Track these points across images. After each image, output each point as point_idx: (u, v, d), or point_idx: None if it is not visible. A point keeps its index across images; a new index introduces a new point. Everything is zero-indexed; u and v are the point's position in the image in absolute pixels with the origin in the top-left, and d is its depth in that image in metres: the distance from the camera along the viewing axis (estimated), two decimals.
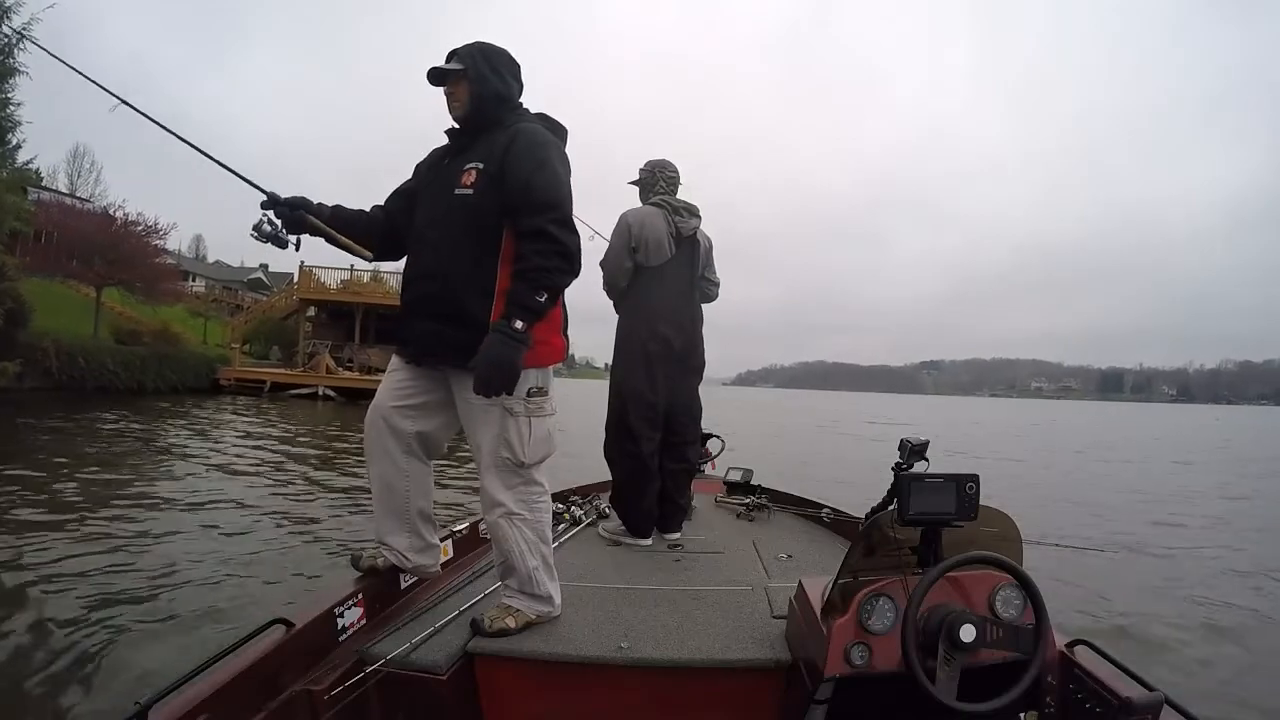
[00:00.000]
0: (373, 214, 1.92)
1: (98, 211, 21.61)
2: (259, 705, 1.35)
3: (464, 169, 1.72)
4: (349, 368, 22.88)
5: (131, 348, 18.39)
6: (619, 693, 1.64)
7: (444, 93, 1.79)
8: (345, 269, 24.57)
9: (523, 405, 1.70)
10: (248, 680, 1.33)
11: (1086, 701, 1.31)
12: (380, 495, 1.86)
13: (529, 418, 1.71)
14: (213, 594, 3.40)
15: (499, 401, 1.66)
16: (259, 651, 1.40)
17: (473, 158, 1.73)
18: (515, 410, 1.69)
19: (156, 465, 7.44)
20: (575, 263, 1.67)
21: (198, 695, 1.22)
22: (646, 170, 2.94)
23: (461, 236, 1.69)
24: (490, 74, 1.76)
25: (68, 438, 9.12)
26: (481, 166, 1.70)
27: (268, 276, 44.56)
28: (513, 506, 1.73)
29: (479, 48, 1.79)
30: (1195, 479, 11.12)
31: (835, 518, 3.05)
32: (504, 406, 1.68)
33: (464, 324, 1.66)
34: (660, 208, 2.81)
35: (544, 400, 1.74)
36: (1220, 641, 3.42)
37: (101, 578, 3.56)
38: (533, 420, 1.72)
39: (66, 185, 33.40)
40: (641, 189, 2.95)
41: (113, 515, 4.90)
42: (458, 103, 1.78)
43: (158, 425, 11.24)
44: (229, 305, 36.97)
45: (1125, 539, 5.82)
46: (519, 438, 1.70)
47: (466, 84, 1.75)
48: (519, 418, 1.70)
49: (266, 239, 1.76)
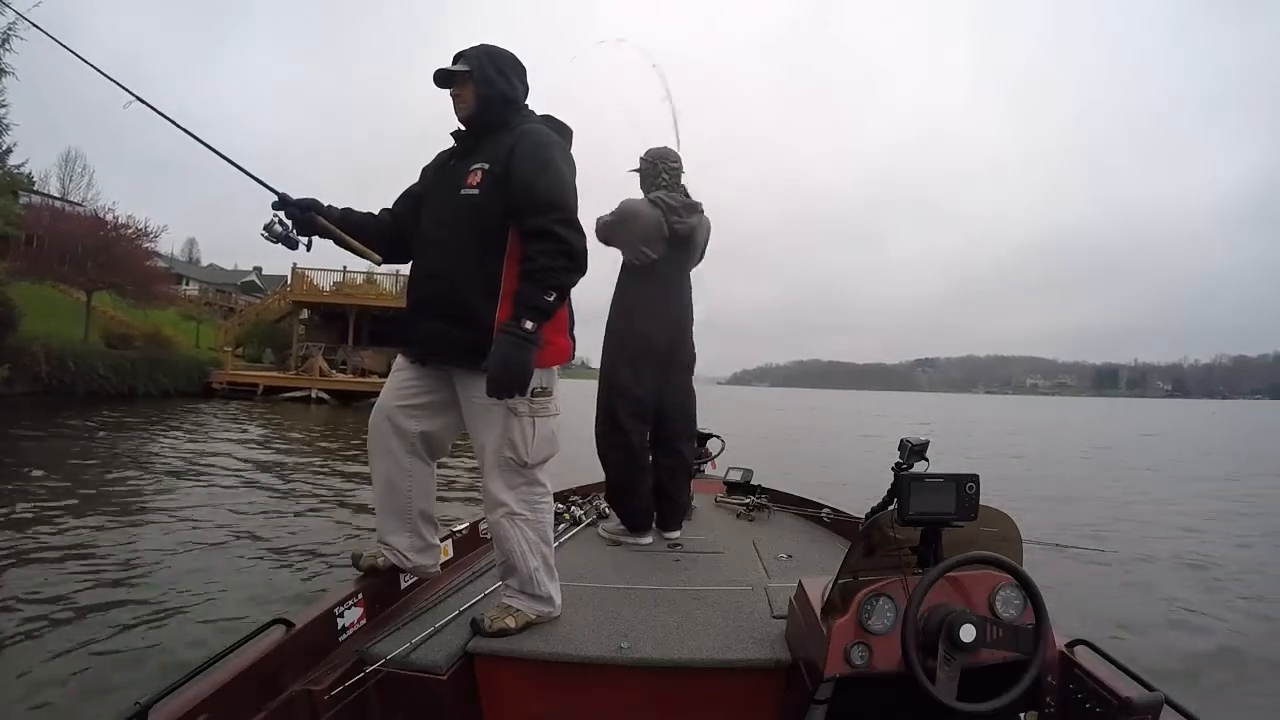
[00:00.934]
0: (381, 217, 1.94)
1: (88, 215, 21.41)
2: (259, 705, 1.35)
3: (470, 169, 1.74)
4: (342, 370, 22.76)
5: (122, 352, 18.26)
6: (619, 693, 1.64)
7: (450, 94, 1.80)
8: (338, 271, 24.50)
9: (526, 405, 1.70)
10: (248, 680, 1.33)
11: (1086, 701, 1.31)
12: (382, 494, 1.86)
13: (533, 418, 1.72)
14: (210, 596, 3.39)
15: (503, 401, 1.66)
16: (259, 651, 1.41)
17: (478, 159, 1.74)
18: (519, 410, 1.70)
19: (141, 470, 7.35)
20: (582, 262, 1.68)
21: (198, 695, 1.22)
22: (647, 161, 2.87)
23: (467, 237, 1.70)
24: (496, 76, 1.77)
25: (55, 442, 9.04)
26: (487, 167, 1.72)
27: (261, 280, 44.29)
28: (515, 507, 1.74)
29: (485, 50, 1.80)
30: (1197, 478, 11.08)
31: (835, 518, 3.04)
32: (508, 406, 1.68)
33: (470, 324, 1.67)
34: (657, 206, 2.76)
35: (548, 401, 1.75)
36: (1221, 641, 3.40)
37: (97, 580, 3.55)
38: (536, 420, 1.72)
39: (59, 189, 33.18)
40: (642, 180, 2.89)
41: (99, 522, 4.85)
42: (464, 104, 1.79)
43: (146, 429, 11.17)
44: (222, 308, 36.75)
45: (1125, 538, 5.81)
46: (522, 438, 1.71)
47: (473, 86, 1.76)
48: (523, 418, 1.71)
49: (277, 239, 1.77)
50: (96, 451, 8.48)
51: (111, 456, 8.20)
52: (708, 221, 2.92)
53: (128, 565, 3.85)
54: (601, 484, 3.00)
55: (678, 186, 2.84)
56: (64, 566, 3.74)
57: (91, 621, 3.00)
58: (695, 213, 2.82)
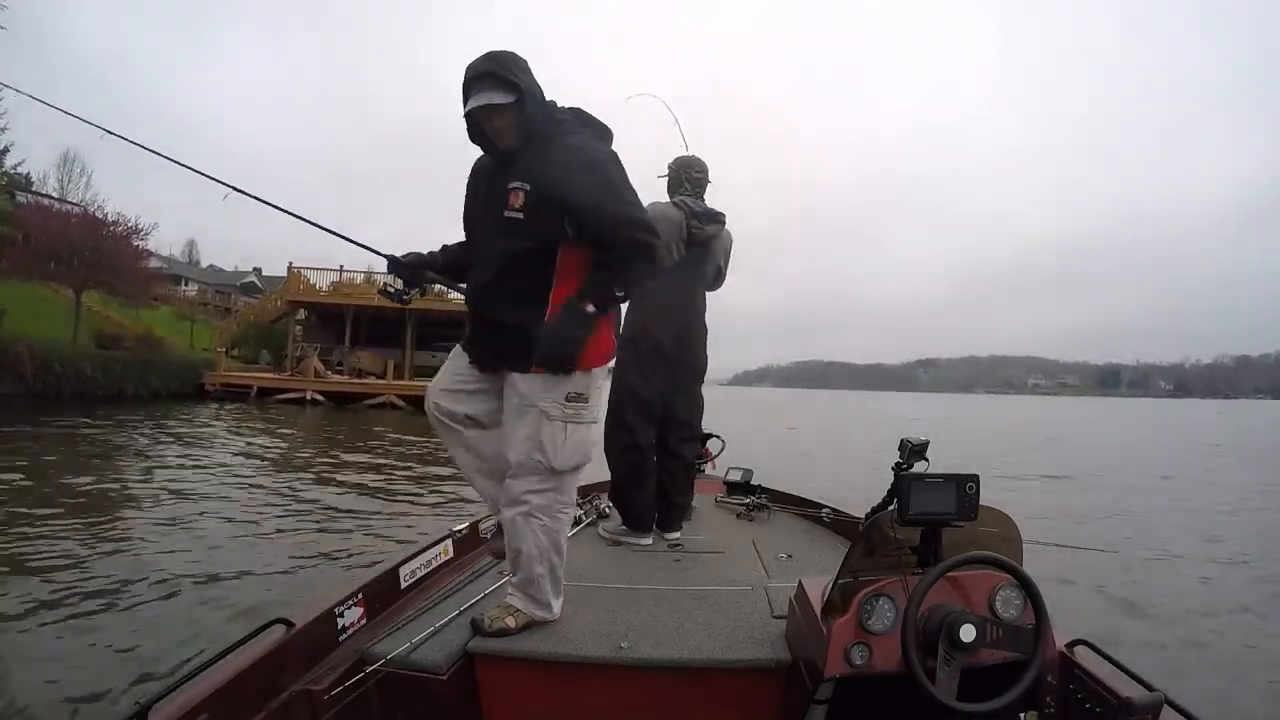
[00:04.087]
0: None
1: (76, 213, 21.06)
2: (259, 705, 1.35)
3: (510, 189, 1.67)
4: (339, 371, 22.50)
5: (112, 352, 18.01)
6: (619, 693, 1.64)
7: (479, 119, 1.68)
8: (335, 270, 24.16)
9: (560, 409, 1.70)
10: (248, 680, 1.34)
11: (1086, 701, 1.32)
12: (471, 473, 1.91)
13: (565, 423, 1.71)
14: (209, 600, 3.42)
15: (537, 402, 1.68)
16: (259, 651, 1.41)
17: (517, 176, 1.67)
18: (552, 414, 1.70)
19: (122, 472, 7.20)
20: (658, 264, 1.75)
21: (198, 695, 1.23)
22: (673, 168, 2.92)
23: (516, 256, 1.68)
24: (538, 93, 1.69)
25: (37, 444, 8.87)
26: (529, 189, 1.65)
27: (261, 281, 44.18)
28: (534, 507, 1.73)
29: (513, 62, 1.66)
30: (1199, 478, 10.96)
31: (835, 518, 3.04)
32: (541, 408, 1.69)
33: (520, 335, 1.67)
34: (680, 209, 2.77)
35: (583, 407, 1.73)
36: (1222, 641, 3.41)
37: (95, 581, 3.57)
38: (569, 426, 1.71)
39: (57, 190, 32.89)
40: (669, 185, 2.93)
41: (86, 521, 4.84)
42: (507, 135, 1.69)
43: (131, 431, 10.97)
44: (218, 309, 36.47)
45: (1128, 539, 5.80)
46: (552, 442, 1.70)
47: (515, 112, 1.66)
48: (554, 422, 1.70)
49: (394, 298, 1.94)
50: (72, 455, 8.26)
51: (92, 458, 8.06)
52: (729, 236, 2.92)
53: (121, 566, 3.86)
54: (602, 484, 3.01)
55: (701, 196, 2.87)
56: (53, 570, 3.74)
57: (91, 623, 3.05)
58: (715, 223, 2.82)
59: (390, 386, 20.59)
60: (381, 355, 22.72)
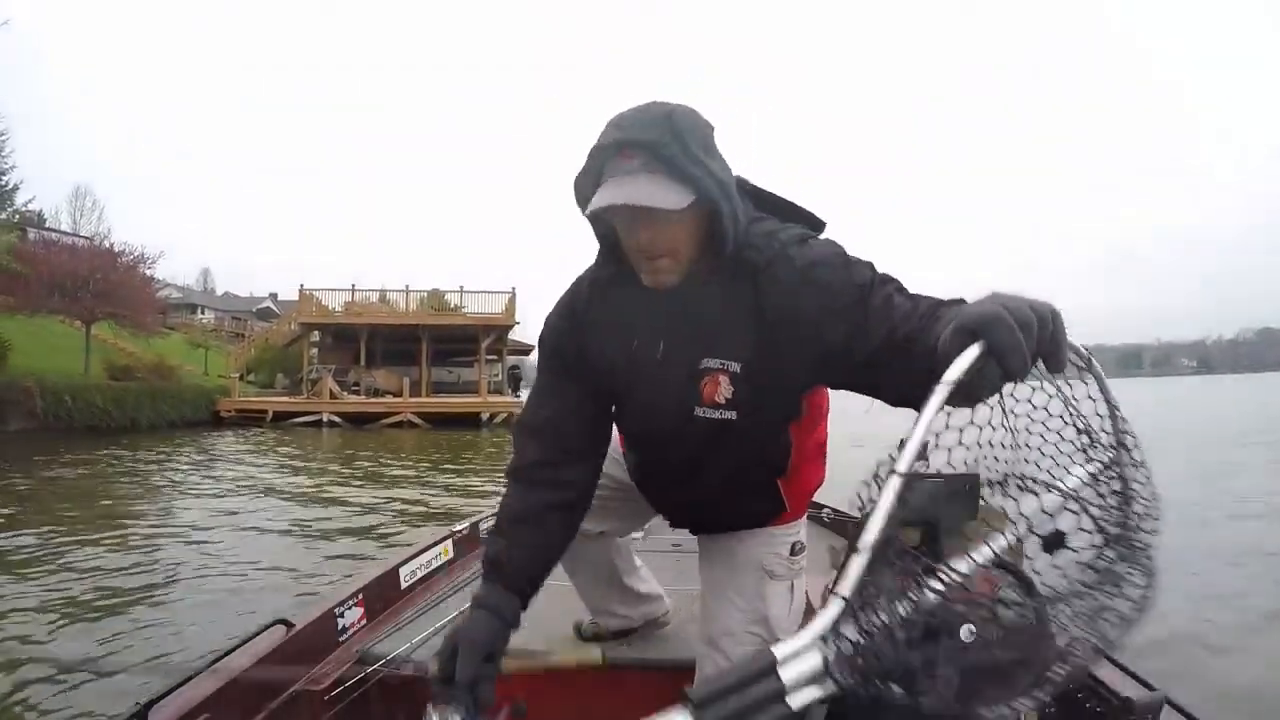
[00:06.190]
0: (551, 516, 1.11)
1: (82, 244, 20.99)
2: (259, 705, 1.36)
3: (702, 371, 1.00)
4: (355, 391, 22.21)
5: (124, 383, 17.73)
6: (619, 693, 1.60)
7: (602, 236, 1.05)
8: (347, 290, 23.91)
9: (785, 565, 1.25)
10: (248, 680, 1.34)
11: (1086, 701, 1.29)
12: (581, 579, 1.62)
13: (791, 580, 1.27)
14: (209, 604, 3.52)
15: (757, 558, 1.23)
16: (259, 651, 1.42)
17: (711, 350, 1.00)
18: (776, 572, 1.24)
19: (135, 498, 7.22)
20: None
21: (198, 695, 1.23)
22: None
23: (727, 464, 1.09)
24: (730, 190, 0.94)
25: (48, 479, 8.74)
26: (737, 370, 0.99)
27: (277, 305, 44.57)
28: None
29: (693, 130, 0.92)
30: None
31: (835, 518, 3.02)
32: (763, 565, 1.24)
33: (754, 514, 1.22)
34: None
35: (804, 556, 1.29)
36: (1222, 641, 3.39)
37: (97, 591, 3.68)
38: (795, 584, 1.28)
39: (70, 225, 33.33)
40: None
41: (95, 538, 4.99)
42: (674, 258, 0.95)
43: (143, 461, 10.70)
44: (232, 335, 36.58)
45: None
46: (779, 609, 1.23)
47: (694, 224, 0.94)
48: (779, 580, 1.25)
49: None
50: (82, 485, 8.19)
51: (105, 487, 8.04)
52: None
53: (124, 580, 3.95)
54: None
55: None
56: (60, 579, 3.88)
57: (91, 626, 3.13)
58: None
59: (406, 404, 20.32)
60: (397, 373, 22.47)
